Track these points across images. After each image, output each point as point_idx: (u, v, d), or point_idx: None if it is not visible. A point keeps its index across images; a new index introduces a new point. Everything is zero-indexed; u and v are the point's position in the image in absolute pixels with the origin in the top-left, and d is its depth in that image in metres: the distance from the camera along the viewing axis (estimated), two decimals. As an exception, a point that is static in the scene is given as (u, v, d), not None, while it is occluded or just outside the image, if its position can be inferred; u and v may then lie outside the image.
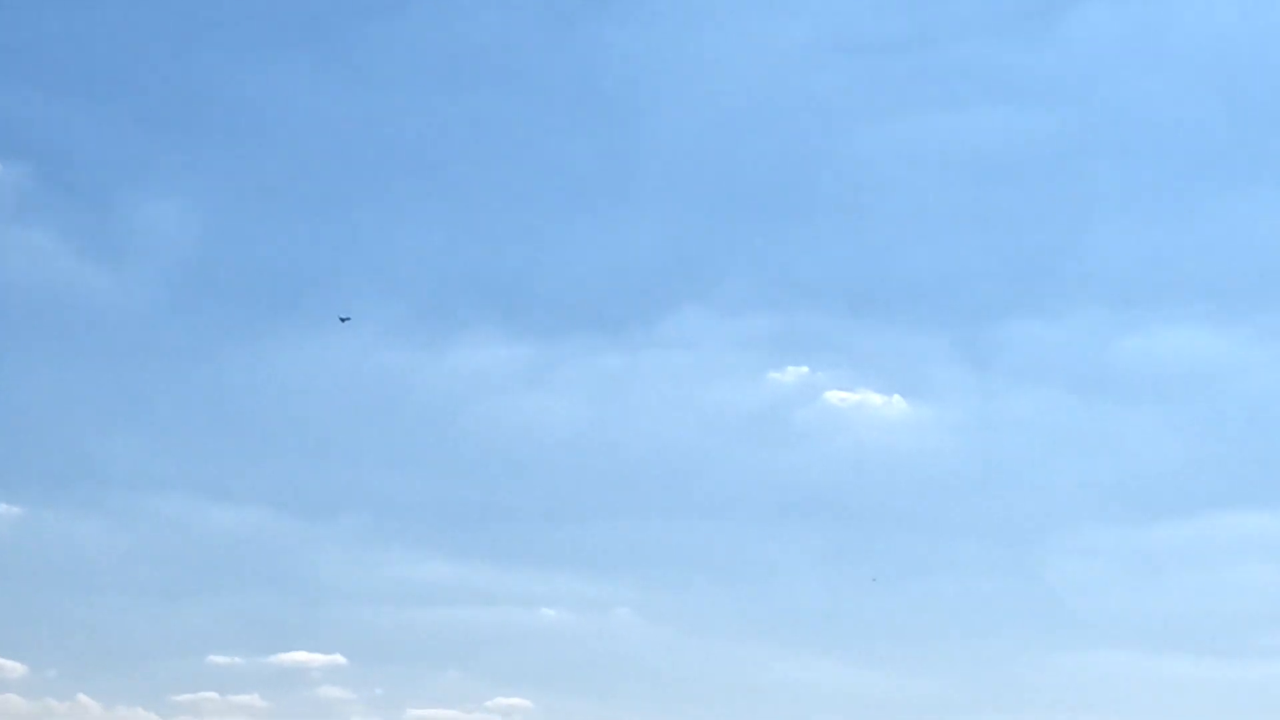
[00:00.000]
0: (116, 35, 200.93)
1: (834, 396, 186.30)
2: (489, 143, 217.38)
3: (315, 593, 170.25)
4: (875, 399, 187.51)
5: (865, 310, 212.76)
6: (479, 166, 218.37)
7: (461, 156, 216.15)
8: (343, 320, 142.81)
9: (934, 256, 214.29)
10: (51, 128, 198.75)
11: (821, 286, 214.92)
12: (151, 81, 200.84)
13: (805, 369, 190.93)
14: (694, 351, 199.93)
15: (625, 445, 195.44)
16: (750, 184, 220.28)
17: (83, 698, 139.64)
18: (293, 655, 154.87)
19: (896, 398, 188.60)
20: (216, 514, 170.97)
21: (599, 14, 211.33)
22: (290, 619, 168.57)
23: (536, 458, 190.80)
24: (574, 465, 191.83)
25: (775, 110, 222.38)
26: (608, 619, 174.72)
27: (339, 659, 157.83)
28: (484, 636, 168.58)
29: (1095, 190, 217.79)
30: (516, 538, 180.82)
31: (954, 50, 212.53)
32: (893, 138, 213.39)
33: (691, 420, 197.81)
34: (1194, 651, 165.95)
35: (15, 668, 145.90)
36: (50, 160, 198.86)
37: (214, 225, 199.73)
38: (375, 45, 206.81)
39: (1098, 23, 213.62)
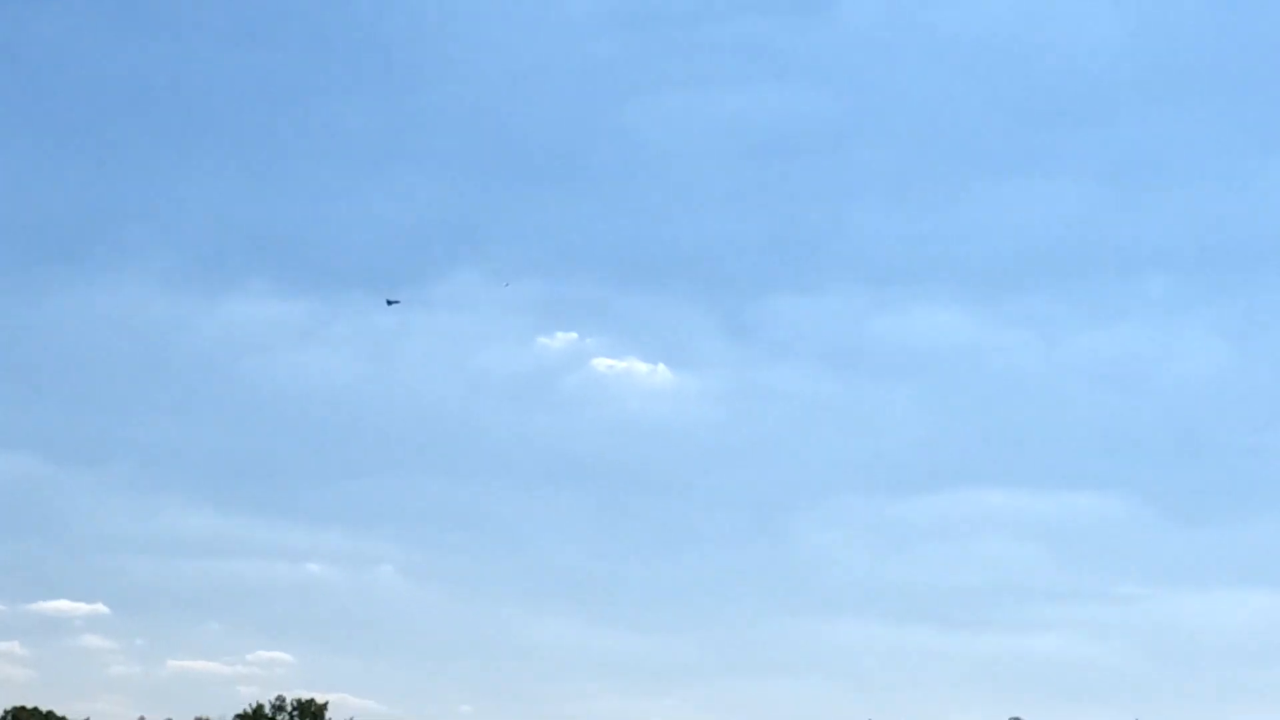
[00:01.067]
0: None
1: (601, 363, 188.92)
2: (270, 100, 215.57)
3: (79, 541, 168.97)
4: (641, 367, 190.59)
5: (634, 280, 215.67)
6: (259, 123, 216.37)
7: (242, 112, 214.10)
8: (390, 303, 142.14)
9: (702, 230, 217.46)
10: None
11: (593, 255, 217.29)
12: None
13: (574, 335, 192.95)
14: (465, 314, 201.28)
15: (395, 404, 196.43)
16: (526, 151, 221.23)
17: None
18: (54, 604, 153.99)
19: (661, 366, 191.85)
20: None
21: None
22: (53, 567, 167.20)
23: (306, 413, 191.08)
24: (343, 422, 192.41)
25: (552, 79, 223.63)
26: (371, 575, 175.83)
27: (101, 608, 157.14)
28: (247, 589, 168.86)
29: (859, 172, 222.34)
30: (283, 492, 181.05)
31: (729, 28, 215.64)
32: (666, 111, 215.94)
33: (460, 382, 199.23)
34: (934, 622, 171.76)
35: None
36: None
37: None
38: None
39: (870, 10, 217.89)
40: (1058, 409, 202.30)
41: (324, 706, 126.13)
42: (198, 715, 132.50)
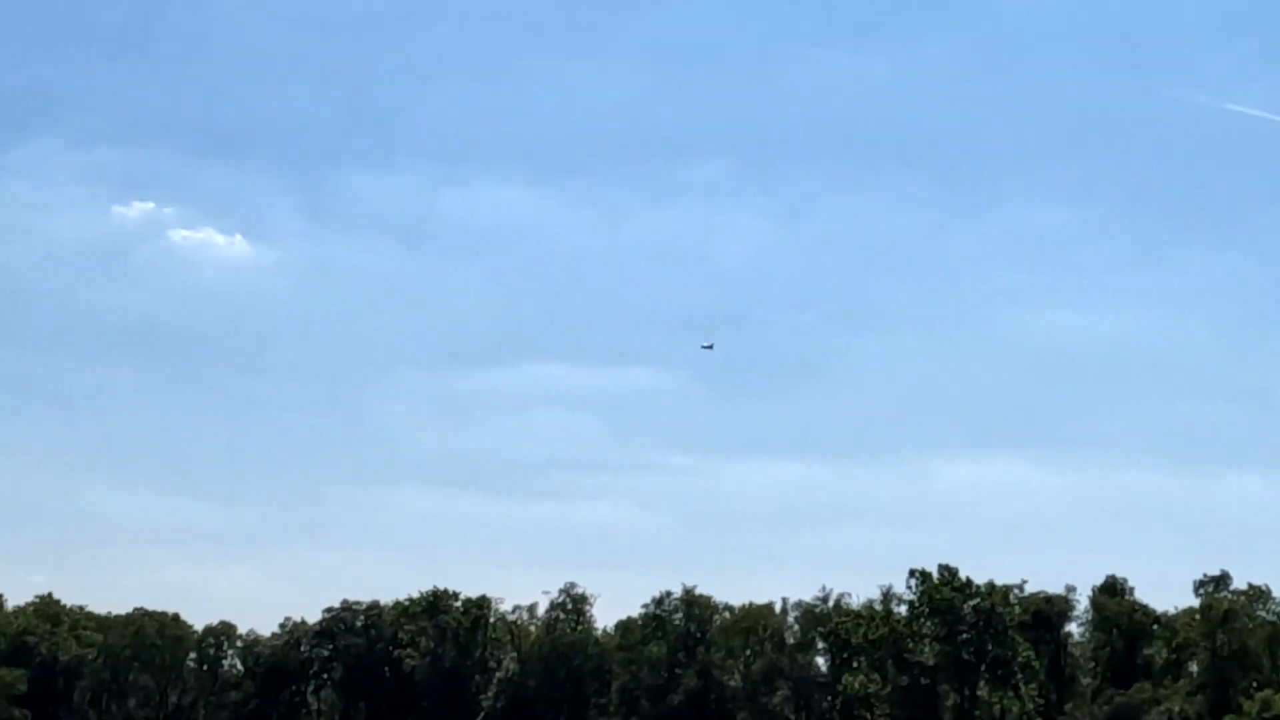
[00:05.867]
0: None
1: (177, 234, 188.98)
2: None
3: None
4: (218, 239, 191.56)
5: (213, 151, 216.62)
6: None
7: None
8: (705, 348, 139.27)
9: (280, 103, 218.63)
10: None
11: (171, 125, 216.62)
12: None
13: (151, 205, 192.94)
14: (38, 181, 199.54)
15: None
16: (100, 16, 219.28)
17: None
18: None
19: (239, 238, 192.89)
20: None
21: None
22: None
23: None
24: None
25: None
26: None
27: None
28: None
29: (431, 50, 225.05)
30: None
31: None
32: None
33: (33, 251, 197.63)
34: (495, 492, 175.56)
35: None
36: None
37: None
38: None
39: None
40: (616, 286, 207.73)
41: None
42: None
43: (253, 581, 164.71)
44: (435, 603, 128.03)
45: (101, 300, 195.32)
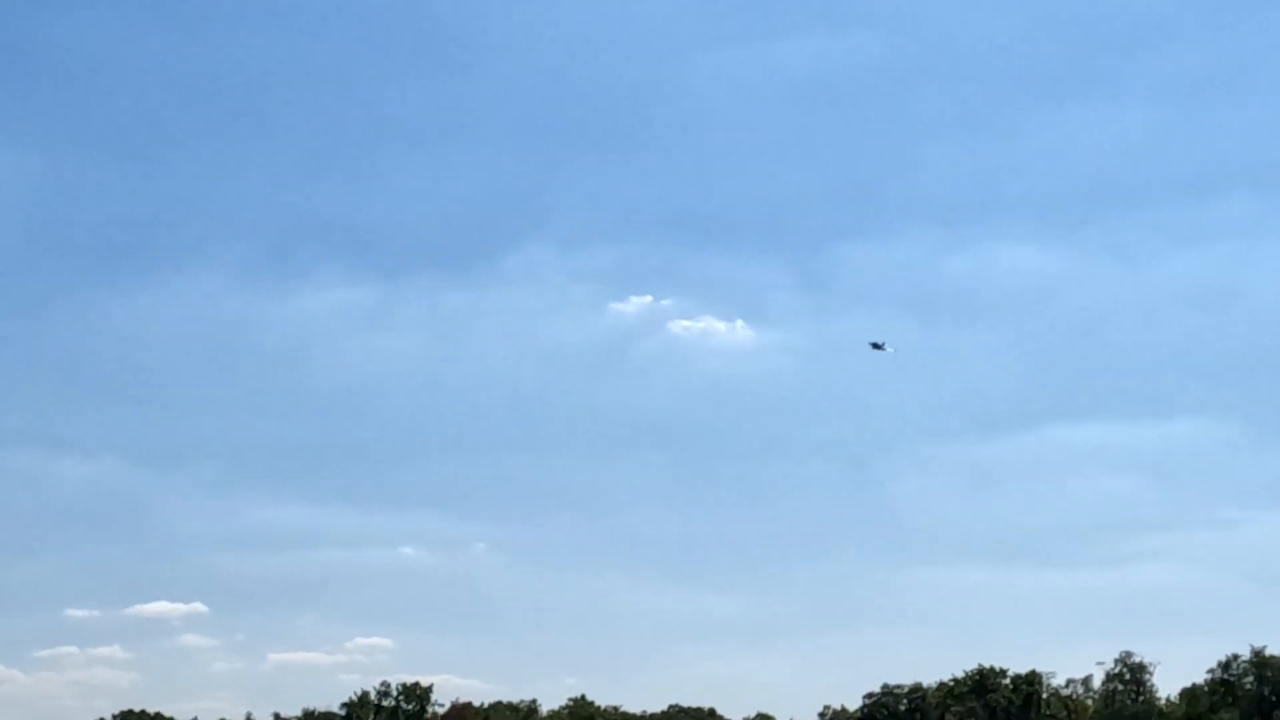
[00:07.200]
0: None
1: (677, 325, 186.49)
2: (324, 84, 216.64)
3: (171, 542, 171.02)
4: (719, 326, 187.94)
5: (704, 238, 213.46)
6: (315, 109, 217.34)
7: (298, 99, 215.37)
8: (875, 346, 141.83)
9: (767, 182, 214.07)
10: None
11: (659, 216, 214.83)
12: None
13: (648, 298, 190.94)
14: (535, 286, 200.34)
15: (472, 382, 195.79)
16: (583, 117, 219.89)
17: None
18: (152, 606, 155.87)
19: (740, 323, 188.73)
20: (66, 466, 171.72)
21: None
22: (147, 569, 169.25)
23: (385, 398, 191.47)
24: (422, 404, 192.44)
25: (604, 42, 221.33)
26: (465, 555, 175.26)
27: (199, 607, 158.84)
28: (342, 577, 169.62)
29: (920, 112, 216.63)
30: (370, 478, 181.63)
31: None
32: (722, 66, 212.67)
33: (536, 354, 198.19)
34: (1034, 561, 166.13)
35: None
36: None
37: (50, 174, 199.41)
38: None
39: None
40: (1144, 336, 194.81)
41: (429, 689, 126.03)
42: (304, 707, 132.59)
43: (788, 670, 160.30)
44: (982, 681, 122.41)
45: (609, 398, 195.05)
